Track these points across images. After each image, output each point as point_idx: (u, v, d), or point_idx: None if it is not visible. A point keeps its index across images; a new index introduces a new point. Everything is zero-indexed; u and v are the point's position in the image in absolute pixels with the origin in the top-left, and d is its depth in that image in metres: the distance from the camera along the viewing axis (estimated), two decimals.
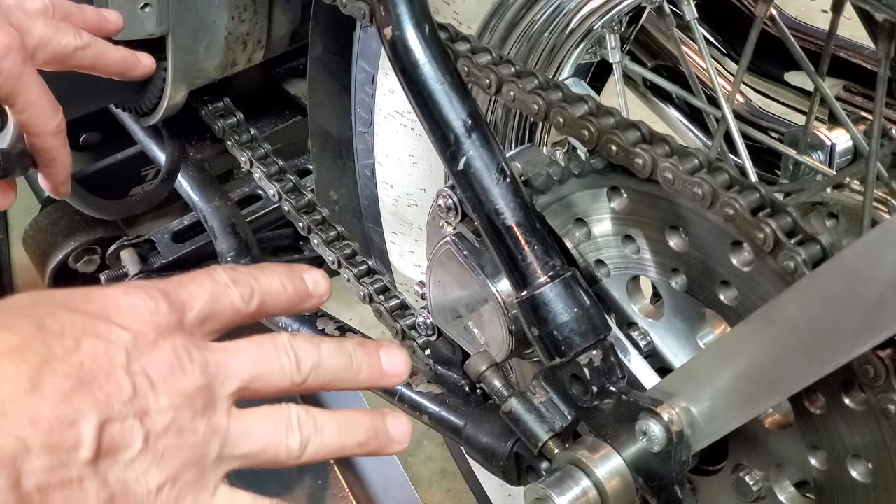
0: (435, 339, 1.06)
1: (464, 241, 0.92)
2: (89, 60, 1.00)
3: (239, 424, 0.62)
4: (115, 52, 1.04)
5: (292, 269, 0.70)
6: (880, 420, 0.70)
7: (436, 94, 0.85)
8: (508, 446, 0.94)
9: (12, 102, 0.93)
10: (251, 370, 0.63)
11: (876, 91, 0.84)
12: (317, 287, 0.70)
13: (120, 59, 1.04)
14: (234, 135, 1.34)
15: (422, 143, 1.14)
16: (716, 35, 1.28)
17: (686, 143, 1.19)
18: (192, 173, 1.44)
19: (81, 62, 0.99)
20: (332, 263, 1.24)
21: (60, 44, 0.96)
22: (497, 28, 1.05)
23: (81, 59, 0.99)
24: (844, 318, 0.65)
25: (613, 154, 0.81)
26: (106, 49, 1.02)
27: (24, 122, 0.95)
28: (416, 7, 0.86)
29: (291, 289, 0.69)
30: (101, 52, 1.01)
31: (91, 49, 1.00)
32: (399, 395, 1.09)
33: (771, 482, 0.81)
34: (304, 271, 0.70)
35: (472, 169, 0.84)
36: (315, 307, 0.71)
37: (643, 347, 0.87)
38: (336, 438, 0.65)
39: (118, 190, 1.55)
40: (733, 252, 0.76)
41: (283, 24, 1.28)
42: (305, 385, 0.65)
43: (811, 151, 1.11)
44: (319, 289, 0.70)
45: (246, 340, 0.64)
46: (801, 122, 1.14)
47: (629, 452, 0.82)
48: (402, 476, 1.54)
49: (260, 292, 0.67)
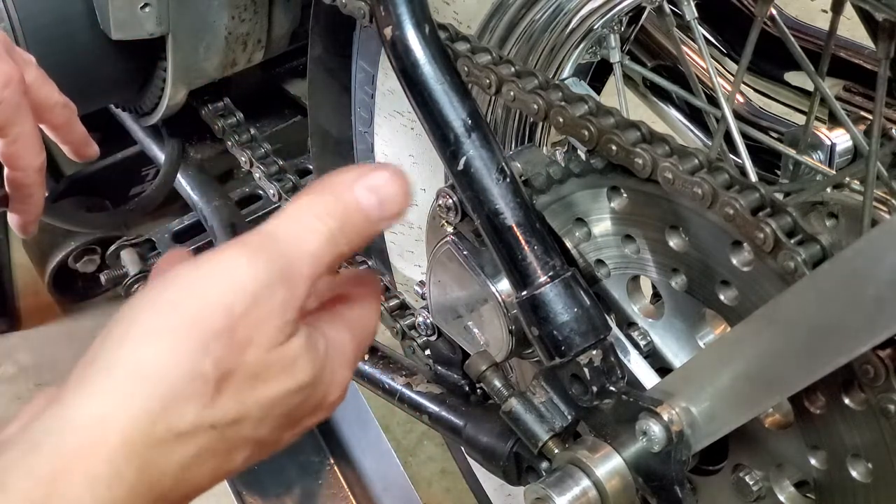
0: (435, 339, 1.06)
1: (464, 241, 0.92)
2: (62, 120, 1.02)
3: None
4: (80, 126, 1.06)
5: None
6: (880, 420, 0.70)
7: (436, 94, 0.85)
8: (508, 446, 0.94)
9: (5, 133, 0.94)
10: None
11: (876, 91, 0.84)
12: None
13: (82, 134, 1.07)
14: (234, 135, 1.34)
15: (422, 143, 1.14)
16: (716, 35, 1.28)
17: (686, 143, 1.19)
18: (192, 173, 1.44)
19: (55, 119, 1.01)
20: None
21: (48, 93, 0.99)
22: (497, 28, 1.05)
23: (57, 116, 1.01)
24: (844, 318, 0.65)
25: (613, 154, 0.81)
26: (76, 119, 1.05)
27: (11, 154, 0.96)
28: (416, 7, 0.86)
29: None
30: (73, 118, 1.04)
31: (67, 111, 1.02)
32: (399, 395, 1.09)
33: (771, 482, 0.81)
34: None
35: (472, 169, 0.84)
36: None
37: (643, 347, 0.87)
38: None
39: (118, 190, 1.55)
40: (733, 252, 0.76)
41: (283, 24, 1.28)
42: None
43: (811, 151, 1.10)
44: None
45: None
46: (801, 122, 1.14)
47: (629, 452, 0.82)
48: (402, 476, 1.54)
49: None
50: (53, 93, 1.00)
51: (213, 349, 0.54)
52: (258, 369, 0.56)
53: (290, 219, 0.59)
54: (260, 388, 0.57)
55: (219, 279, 0.56)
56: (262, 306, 0.56)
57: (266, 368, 0.57)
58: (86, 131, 1.07)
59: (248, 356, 0.56)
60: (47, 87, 0.99)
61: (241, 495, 1.60)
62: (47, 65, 1.12)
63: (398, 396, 1.09)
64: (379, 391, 1.12)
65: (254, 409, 0.57)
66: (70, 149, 1.06)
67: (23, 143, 0.95)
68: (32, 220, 1.03)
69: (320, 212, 0.59)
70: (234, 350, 0.55)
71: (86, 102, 1.33)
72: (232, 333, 0.55)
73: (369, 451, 1.61)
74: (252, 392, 0.56)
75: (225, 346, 0.55)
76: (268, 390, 0.57)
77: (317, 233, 0.59)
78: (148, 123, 1.37)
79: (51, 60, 1.18)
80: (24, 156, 0.96)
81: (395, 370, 1.11)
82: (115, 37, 1.18)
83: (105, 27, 1.19)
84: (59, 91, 1.00)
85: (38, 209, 1.02)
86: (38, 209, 1.02)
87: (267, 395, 0.57)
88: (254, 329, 0.56)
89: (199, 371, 0.54)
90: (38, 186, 1.00)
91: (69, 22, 1.20)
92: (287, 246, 0.58)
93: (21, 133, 0.94)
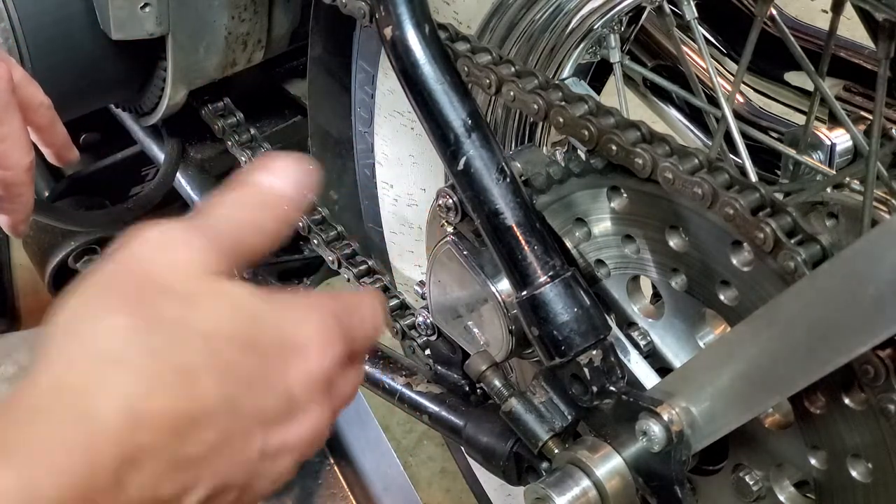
0: (435, 339, 1.06)
1: (464, 241, 0.92)
2: (46, 121, 1.02)
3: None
4: (62, 129, 1.06)
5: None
6: (880, 420, 0.70)
7: (436, 94, 0.85)
8: (508, 446, 0.94)
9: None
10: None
11: (876, 91, 0.84)
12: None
13: (64, 136, 1.06)
14: (234, 135, 1.34)
15: (422, 143, 1.14)
16: (716, 35, 1.28)
17: (686, 143, 1.19)
18: (192, 173, 1.44)
19: (39, 120, 1.01)
20: (332, 263, 1.24)
21: (33, 93, 0.99)
22: (497, 28, 1.05)
23: (41, 117, 1.01)
24: (844, 318, 0.65)
25: (613, 154, 0.81)
26: (59, 121, 1.04)
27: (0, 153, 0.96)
28: (416, 7, 0.86)
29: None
30: (56, 120, 1.03)
31: (51, 112, 1.02)
32: (399, 395, 1.09)
33: (771, 482, 0.81)
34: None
35: (472, 169, 0.84)
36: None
37: (643, 347, 0.87)
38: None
39: (118, 190, 1.55)
40: (733, 252, 0.76)
41: (283, 23, 1.28)
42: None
43: (811, 151, 1.10)
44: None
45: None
46: (801, 122, 1.13)
47: (629, 452, 0.82)
48: (402, 476, 1.54)
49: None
50: (38, 93, 0.99)
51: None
52: (183, 294, 0.54)
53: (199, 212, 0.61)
54: (190, 312, 0.54)
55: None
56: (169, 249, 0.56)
57: (192, 293, 0.55)
58: (67, 134, 1.06)
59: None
60: (32, 87, 0.99)
61: None
62: (48, 65, 1.12)
63: (398, 396, 1.09)
64: (379, 391, 1.12)
65: (196, 338, 0.54)
66: (52, 151, 1.06)
67: (11, 143, 0.95)
68: (22, 220, 1.02)
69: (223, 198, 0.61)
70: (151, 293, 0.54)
71: (86, 102, 1.33)
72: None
73: (369, 451, 1.61)
74: (185, 313, 0.54)
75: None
76: (200, 313, 0.54)
77: (219, 205, 0.60)
78: (148, 123, 1.37)
79: (51, 60, 1.19)
80: (13, 155, 0.96)
81: (395, 370, 1.11)
82: (115, 37, 1.18)
83: (105, 27, 1.18)
84: (42, 92, 1.00)
85: (27, 209, 1.01)
86: (27, 209, 1.01)
87: (201, 317, 0.54)
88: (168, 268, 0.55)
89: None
90: (27, 186, 0.99)
91: (69, 22, 1.20)
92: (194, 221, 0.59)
93: (9, 132, 0.94)
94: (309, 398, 0.58)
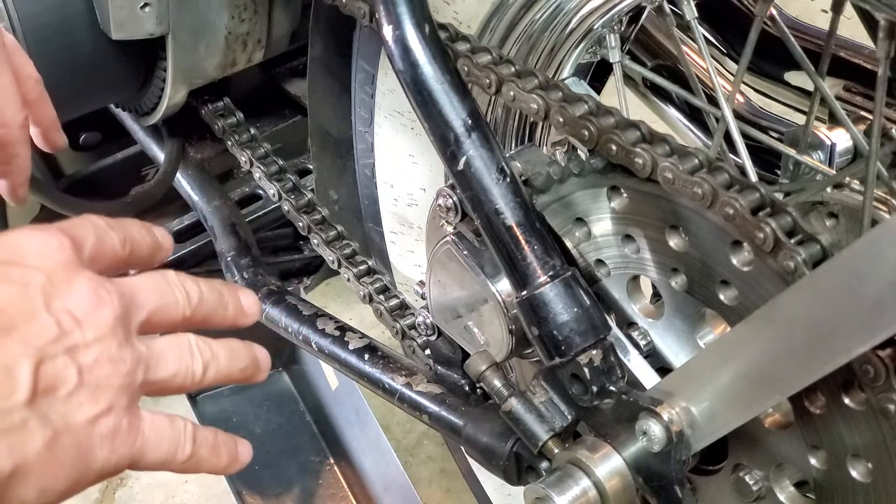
0: (435, 339, 1.06)
1: (464, 241, 0.92)
2: (35, 95, 0.99)
3: (154, 351, 0.66)
4: (52, 109, 1.03)
5: (148, 226, 0.74)
6: (880, 420, 0.70)
7: (436, 94, 0.85)
8: (508, 446, 0.94)
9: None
10: (154, 301, 0.67)
11: (876, 91, 0.84)
12: (165, 240, 0.75)
13: (52, 117, 1.03)
14: (234, 134, 1.34)
15: (422, 142, 1.14)
16: (716, 35, 1.28)
17: (686, 142, 1.19)
18: (192, 173, 1.44)
19: (29, 93, 0.98)
20: (332, 263, 1.24)
21: (23, 64, 0.96)
22: (497, 28, 1.05)
23: (31, 91, 0.98)
24: (844, 318, 0.65)
25: (613, 154, 0.81)
26: (48, 100, 1.02)
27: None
28: (416, 7, 0.86)
29: (149, 239, 0.73)
30: (45, 97, 1.01)
31: (40, 87, 1.00)
32: (399, 395, 1.09)
33: (771, 482, 0.81)
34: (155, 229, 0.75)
35: (472, 169, 0.84)
36: (164, 258, 0.76)
37: (643, 347, 0.87)
38: (227, 364, 0.70)
39: (118, 190, 1.55)
40: (733, 252, 0.76)
41: (283, 23, 1.28)
42: (193, 318, 0.69)
43: (811, 151, 1.10)
44: (167, 243, 0.75)
45: (140, 276, 0.68)
46: (801, 122, 1.13)
47: (629, 452, 0.82)
48: (402, 476, 1.54)
49: (130, 239, 0.71)
50: (28, 65, 0.97)
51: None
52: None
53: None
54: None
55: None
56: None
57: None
58: (56, 116, 1.03)
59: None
60: (22, 58, 0.96)
61: (241, 495, 1.60)
62: (48, 64, 1.12)
63: (398, 396, 1.09)
64: (379, 391, 1.12)
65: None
66: (39, 131, 1.02)
67: (3, 98, 0.91)
68: (21, 184, 0.98)
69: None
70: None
71: (86, 102, 1.33)
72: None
73: (369, 451, 1.61)
74: None
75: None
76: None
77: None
78: (148, 123, 1.37)
79: (51, 60, 1.19)
80: (6, 110, 0.92)
81: (395, 370, 1.11)
82: (115, 37, 1.18)
83: (105, 27, 1.18)
84: (33, 66, 0.97)
85: (25, 171, 0.98)
86: (25, 171, 0.98)
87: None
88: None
89: None
90: (22, 145, 0.95)
91: (69, 22, 1.20)
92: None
93: (1, 86, 0.91)
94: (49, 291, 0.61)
